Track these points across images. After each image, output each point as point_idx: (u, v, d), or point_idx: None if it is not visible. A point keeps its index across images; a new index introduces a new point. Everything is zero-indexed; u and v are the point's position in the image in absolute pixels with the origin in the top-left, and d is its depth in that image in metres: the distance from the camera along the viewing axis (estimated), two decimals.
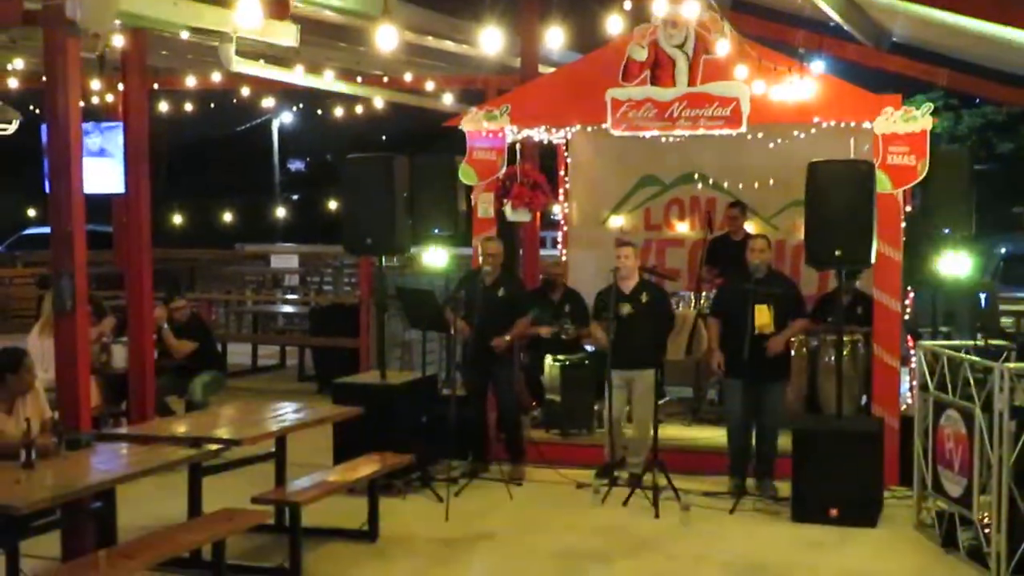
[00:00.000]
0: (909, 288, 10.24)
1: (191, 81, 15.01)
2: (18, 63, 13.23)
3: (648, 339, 9.54)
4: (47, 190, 8.07)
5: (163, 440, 7.56)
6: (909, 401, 10.09)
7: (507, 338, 9.80)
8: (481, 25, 8.23)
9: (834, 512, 8.54)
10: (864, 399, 10.12)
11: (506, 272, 10.26)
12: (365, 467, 8.42)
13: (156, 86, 15.35)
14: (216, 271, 21.13)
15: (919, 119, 9.41)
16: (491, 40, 8.05)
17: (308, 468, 8.78)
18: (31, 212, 31.75)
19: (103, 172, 13.04)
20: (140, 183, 10.58)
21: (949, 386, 7.94)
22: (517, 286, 10.33)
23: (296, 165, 44.71)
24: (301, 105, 28.35)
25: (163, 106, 18.23)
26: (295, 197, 41.08)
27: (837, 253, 8.86)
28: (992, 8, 8.05)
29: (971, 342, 8.47)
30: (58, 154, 7.70)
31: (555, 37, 8.90)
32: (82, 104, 15.73)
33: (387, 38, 6.90)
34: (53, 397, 7.83)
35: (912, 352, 10.17)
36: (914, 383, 9.70)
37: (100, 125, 13.68)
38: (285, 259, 21.34)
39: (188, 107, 18.84)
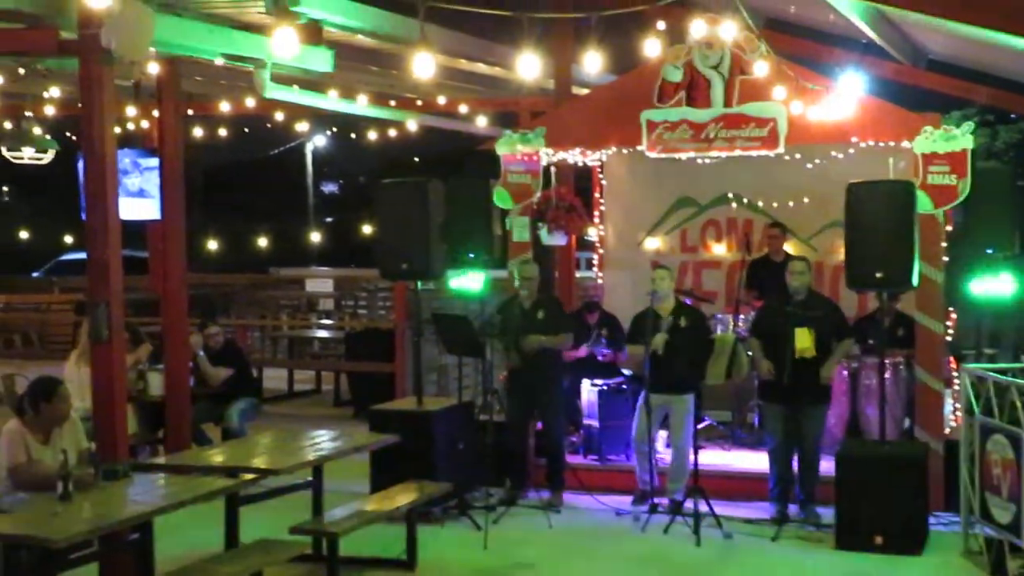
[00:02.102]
0: (951, 309, 10.09)
1: (225, 106, 15.03)
2: (54, 91, 13.28)
3: (686, 363, 9.44)
4: (84, 217, 8.07)
5: (199, 470, 7.52)
6: (953, 424, 9.94)
7: (541, 338, 9.70)
8: (515, 47, 8.17)
9: (879, 539, 8.40)
10: (907, 422, 9.98)
11: (544, 294, 10.19)
12: (402, 496, 8.35)
13: (190, 112, 15.37)
14: (251, 296, 21.18)
15: (959, 138, 9.28)
16: (528, 66, 7.99)
17: (345, 495, 8.73)
18: (68, 238, 31.97)
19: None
20: (175, 209, 10.60)
21: (996, 409, 7.79)
22: (556, 307, 10.26)
23: (330, 188, 44.83)
24: (335, 128, 28.40)
25: (197, 131, 18.28)
26: (329, 220, 41.18)
27: (878, 275, 8.73)
28: None
29: (1017, 364, 8.33)
30: (94, 183, 7.70)
31: (590, 59, 8.81)
32: (118, 131, 15.94)
33: (424, 65, 6.87)
34: (90, 426, 7.81)
35: (955, 374, 10.03)
36: (957, 405, 9.55)
37: (140, 165, 13.74)
38: (320, 283, 21.37)
39: (222, 132, 18.88)
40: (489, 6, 7.86)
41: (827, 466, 9.09)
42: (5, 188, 39.22)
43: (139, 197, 13.70)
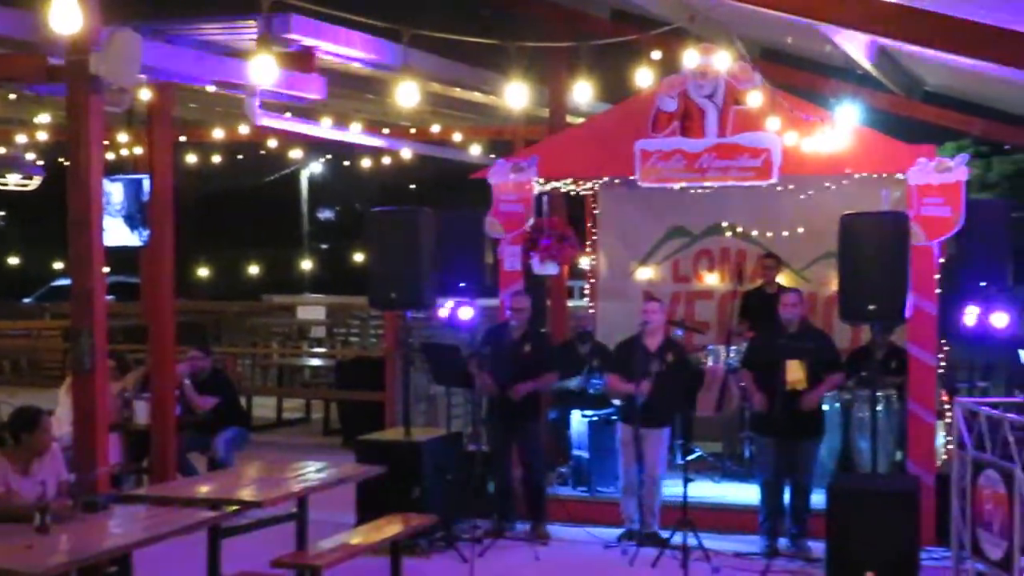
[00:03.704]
0: (944, 342, 10.02)
1: (218, 133, 14.99)
2: (43, 117, 13.24)
3: (668, 398, 9.35)
4: None
5: (181, 502, 7.41)
6: (945, 457, 9.85)
7: (526, 384, 9.62)
8: (508, 77, 8.13)
9: (870, 574, 8.28)
10: (899, 455, 9.89)
11: (533, 328, 10.12)
12: (388, 528, 8.23)
13: (184, 138, 15.34)
14: (242, 323, 21.06)
15: (954, 169, 9.24)
16: (516, 95, 7.94)
17: (331, 526, 8.61)
18: (59, 265, 31.88)
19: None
20: (164, 236, 10.52)
21: (988, 444, 7.70)
22: (544, 342, 10.19)
23: (326, 215, 44.76)
24: (329, 156, 28.38)
25: (191, 158, 18.25)
26: (324, 247, 41.08)
27: (871, 307, 8.66)
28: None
29: (1010, 399, 8.24)
30: (78, 210, 7.63)
31: (583, 89, 8.78)
32: (112, 157, 15.86)
33: (408, 94, 6.82)
34: (71, 456, 7.71)
35: (948, 407, 9.95)
36: (950, 438, 9.47)
37: (131, 191, 13.74)
38: (312, 311, 21.26)
39: (216, 159, 18.84)
40: (476, 34, 7.80)
41: (818, 499, 9.00)
42: None
43: (129, 223, 13.65)
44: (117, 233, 13.68)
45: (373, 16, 7.30)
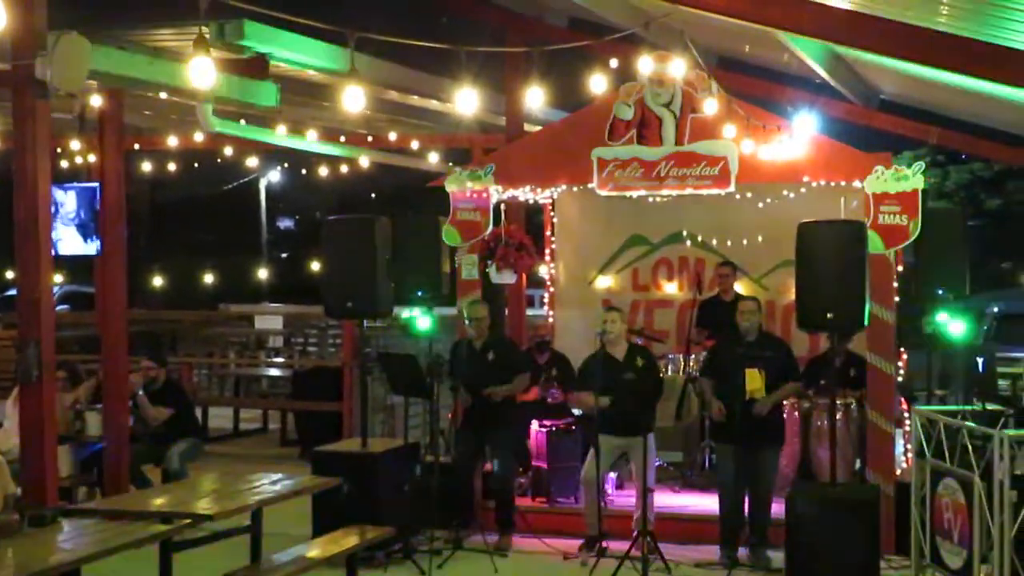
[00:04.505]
0: (903, 349, 10.02)
1: (172, 141, 14.80)
2: None
3: (644, 404, 9.30)
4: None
5: (133, 515, 7.26)
6: (904, 465, 9.85)
7: (501, 387, 9.56)
8: (466, 84, 8.05)
9: None
10: (858, 464, 9.88)
11: (494, 334, 10.06)
12: (343, 540, 8.12)
13: (137, 146, 15.15)
14: (199, 333, 20.85)
15: (911, 178, 9.24)
16: (467, 100, 7.87)
17: (286, 539, 8.50)
18: (11, 274, 31.50)
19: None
20: (116, 244, 10.37)
21: (947, 453, 7.69)
22: (507, 347, 10.15)
23: (285, 223, 44.53)
24: (286, 164, 28.21)
25: (146, 166, 18.04)
26: (283, 256, 40.87)
27: (829, 316, 8.61)
28: (980, 66, 7.90)
29: (968, 406, 8.25)
30: (26, 218, 7.49)
31: (536, 94, 8.72)
32: (66, 165, 15.64)
33: (354, 99, 6.73)
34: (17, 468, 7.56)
35: (906, 414, 9.96)
36: (909, 446, 9.46)
37: (83, 199, 13.57)
38: (269, 320, 21.07)
39: (172, 167, 18.62)
40: (426, 39, 7.72)
41: (778, 508, 8.96)
42: None
43: (82, 231, 13.49)
44: (71, 242, 13.51)
45: (323, 21, 7.19)
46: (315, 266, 30.49)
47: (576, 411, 10.54)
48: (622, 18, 10.58)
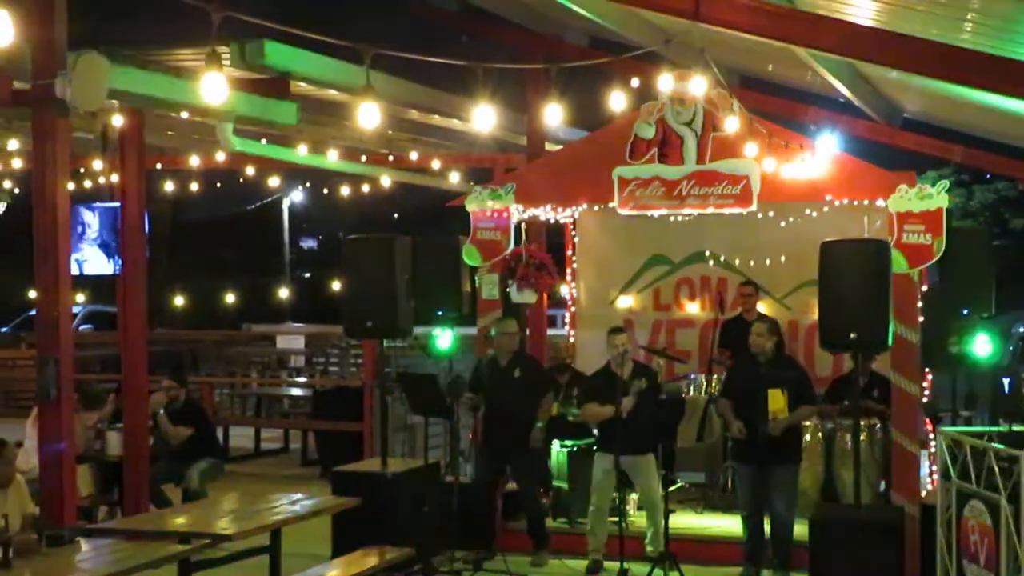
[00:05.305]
0: (927, 370, 9.92)
1: (195, 160, 14.83)
2: (12, 143, 13.09)
3: (648, 423, 9.24)
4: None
5: (151, 535, 7.24)
6: (929, 487, 9.73)
7: (539, 426, 9.61)
8: (487, 104, 8.02)
9: None
10: (883, 485, 9.77)
11: (521, 352, 10.03)
12: (363, 561, 8.10)
13: (159, 166, 15.19)
14: (221, 352, 20.87)
15: (935, 197, 9.15)
16: (484, 117, 7.83)
17: (306, 559, 8.47)
18: (32, 293, 31.71)
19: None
20: (137, 264, 10.38)
21: (973, 475, 7.58)
22: (534, 366, 10.14)
23: (308, 243, 44.64)
24: (308, 184, 28.25)
25: (168, 186, 18.08)
26: (307, 275, 40.95)
27: (852, 336, 8.55)
28: (1005, 83, 7.83)
29: (994, 428, 8.13)
30: (45, 237, 7.48)
31: (554, 111, 8.70)
32: (89, 185, 15.67)
33: (369, 115, 6.70)
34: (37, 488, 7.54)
35: (931, 436, 9.84)
36: (934, 468, 9.35)
37: (104, 219, 13.61)
38: (291, 340, 21.08)
39: (194, 187, 18.66)
40: (443, 56, 7.70)
41: (801, 530, 8.86)
42: None
43: (105, 251, 13.56)
44: (96, 262, 13.58)
45: (341, 40, 7.18)
46: (337, 286, 30.54)
47: (595, 431, 10.47)
48: (642, 36, 10.56)
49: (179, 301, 32.14)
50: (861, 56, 8.01)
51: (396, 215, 33.11)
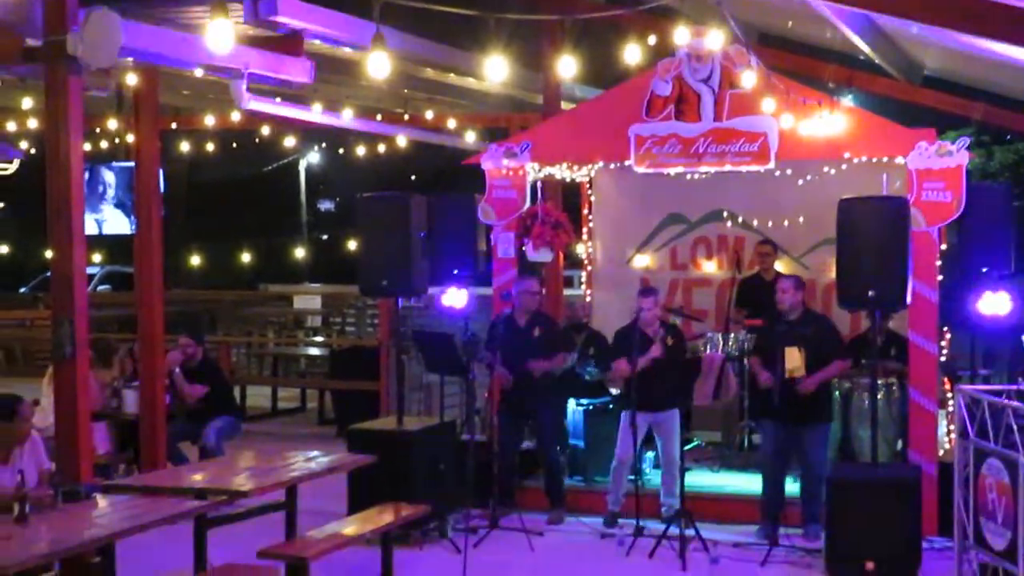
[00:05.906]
0: (945, 329, 9.86)
1: (210, 120, 14.79)
2: (27, 102, 13.07)
3: (674, 381, 9.22)
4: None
5: (168, 491, 7.26)
6: (947, 446, 9.70)
7: (544, 363, 9.58)
8: (500, 56, 7.93)
9: (870, 565, 8.12)
10: (900, 444, 9.74)
11: (539, 312, 10.01)
12: (378, 518, 8.09)
13: (175, 126, 15.17)
14: (238, 313, 20.92)
15: (955, 154, 9.08)
16: (496, 68, 7.73)
17: (322, 516, 8.48)
18: (49, 253, 31.81)
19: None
20: (152, 223, 10.36)
21: (991, 433, 7.54)
22: (552, 323, 10.13)
23: (326, 205, 44.62)
24: (324, 144, 28.20)
25: (184, 146, 18.07)
26: (324, 237, 40.98)
27: (870, 294, 8.49)
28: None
29: (1012, 386, 8.08)
30: (58, 196, 7.46)
31: (568, 64, 8.61)
32: (105, 145, 15.65)
33: (379, 65, 6.62)
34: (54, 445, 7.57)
35: (949, 395, 9.80)
36: (952, 427, 9.31)
37: (122, 178, 13.57)
38: (308, 300, 21.11)
39: (210, 147, 18.64)
40: (454, 6, 7.61)
41: None
42: None
43: (122, 211, 13.56)
44: (114, 222, 13.57)
45: None
46: (353, 246, 30.54)
47: (613, 390, 10.46)
48: None
49: (196, 261, 32.22)
50: (881, 8, 7.90)
51: (413, 176, 33.04)
